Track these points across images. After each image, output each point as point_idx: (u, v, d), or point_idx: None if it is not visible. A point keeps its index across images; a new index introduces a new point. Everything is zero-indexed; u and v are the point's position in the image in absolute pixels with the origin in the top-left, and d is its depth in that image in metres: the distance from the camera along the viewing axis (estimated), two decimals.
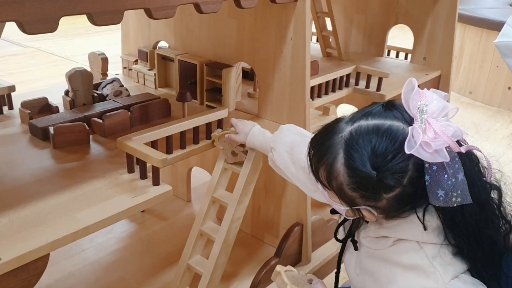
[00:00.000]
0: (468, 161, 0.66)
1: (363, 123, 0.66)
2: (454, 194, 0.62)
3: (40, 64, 3.53)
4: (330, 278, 1.38)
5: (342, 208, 0.71)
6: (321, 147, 0.69)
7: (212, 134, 1.09)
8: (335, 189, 0.68)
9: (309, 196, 0.92)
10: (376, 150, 0.63)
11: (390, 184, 0.63)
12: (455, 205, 0.62)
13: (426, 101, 0.64)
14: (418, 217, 0.67)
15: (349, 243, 0.81)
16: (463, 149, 0.63)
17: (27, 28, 0.64)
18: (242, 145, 1.10)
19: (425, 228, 0.67)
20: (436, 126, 0.62)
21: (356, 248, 0.78)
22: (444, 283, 0.66)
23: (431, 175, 0.62)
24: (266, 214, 1.38)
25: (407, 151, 0.60)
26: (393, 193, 0.64)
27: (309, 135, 0.98)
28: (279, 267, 0.77)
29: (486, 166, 0.67)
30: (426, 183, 0.63)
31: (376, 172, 0.62)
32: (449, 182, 0.61)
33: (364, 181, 0.64)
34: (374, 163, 0.63)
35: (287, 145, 0.95)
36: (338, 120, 0.70)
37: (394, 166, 0.62)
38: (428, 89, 0.67)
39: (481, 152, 0.67)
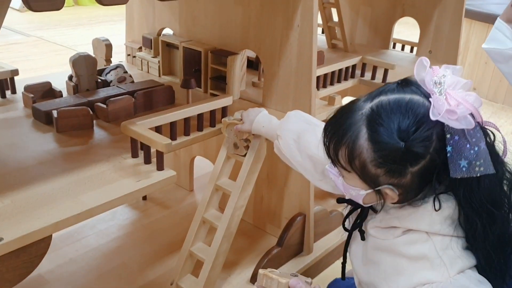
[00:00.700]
0: (488, 134, 0.65)
1: (383, 98, 0.65)
2: (478, 163, 0.61)
3: (42, 53, 3.51)
4: (331, 268, 1.38)
5: (360, 193, 0.69)
6: (340, 127, 0.67)
7: (222, 119, 1.08)
8: (358, 169, 0.67)
9: (315, 185, 0.91)
10: (400, 122, 0.62)
11: (419, 152, 0.62)
12: (478, 174, 0.61)
13: (443, 73, 0.63)
14: (434, 187, 0.66)
15: (355, 233, 0.80)
16: (484, 121, 0.63)
17: (32, 4, 0.63)
18: (246, 140, 1.09)
19: (440, 206, 0.66)
20: (456, 95, 0.61)
21: (363, 238, 0.77)
22: (449, 276, 0.65)
23: (453, 145, 0.62)
24: (268, 204, 1.38)
25: (432, 118, 0.60)
26: (418, 165, 0.64)
27: (317, 123, 0.96)
28: (261, 271, 0.77)
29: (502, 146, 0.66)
30: (448, 155, 0.62)
31: (404, 142, 0.62)
32: (472, 151, 0.61)
33: (391, 153, 0.63)
34: (400, 134, 0.62)
35: (294, 133, 0.94)
36: (354, 101, 0.69)
37: (420, 134, 0.62)
38: None
39: (498, 130, 0.66)
